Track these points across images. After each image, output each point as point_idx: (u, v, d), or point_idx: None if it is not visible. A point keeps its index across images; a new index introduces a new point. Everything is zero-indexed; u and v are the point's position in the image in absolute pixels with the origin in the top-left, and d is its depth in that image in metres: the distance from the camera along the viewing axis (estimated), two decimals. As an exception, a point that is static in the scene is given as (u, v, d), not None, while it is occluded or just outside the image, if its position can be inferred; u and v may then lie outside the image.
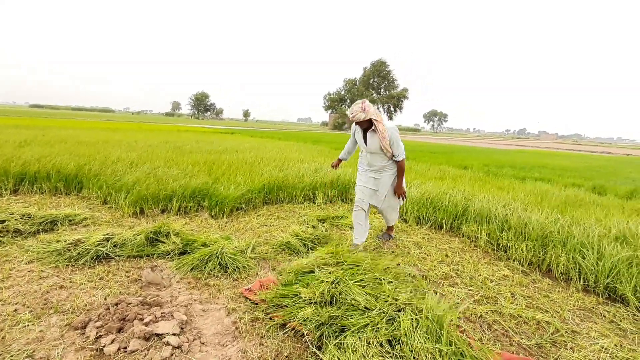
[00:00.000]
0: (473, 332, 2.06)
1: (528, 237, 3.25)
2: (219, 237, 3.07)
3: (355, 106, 2.86)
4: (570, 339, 2.08)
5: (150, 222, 3.65)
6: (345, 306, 1.97)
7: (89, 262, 2.58)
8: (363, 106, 2.84)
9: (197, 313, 2.05)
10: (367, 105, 2.86)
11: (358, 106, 2.85)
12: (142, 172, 4.84)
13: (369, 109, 2.85)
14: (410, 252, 3.27)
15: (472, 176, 6.65)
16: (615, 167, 12.34)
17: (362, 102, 2.87)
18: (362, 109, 2.83)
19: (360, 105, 2.85)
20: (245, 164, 6.37)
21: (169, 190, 4.15)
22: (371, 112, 2.86)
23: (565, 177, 7.60)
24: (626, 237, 3.15)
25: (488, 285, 2.67)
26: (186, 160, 6.30)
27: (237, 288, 2.38)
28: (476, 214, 3.84)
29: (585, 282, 2.75)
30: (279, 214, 4.33)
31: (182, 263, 2.63)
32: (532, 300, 2.51)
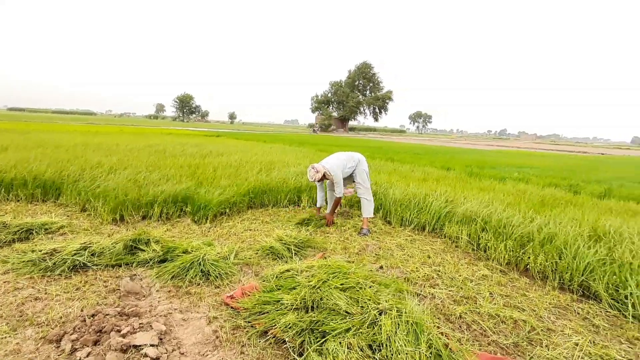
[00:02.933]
0: (452, 333, 2.09)
1: (507, 237, 3.34)
2: (201, 243, 3.03)
3: (310, 173, 3.84)
4: (546, 336, 2.14)
5: (130, 229, 3.57)
6: (326, 311, 1.98)
7: (66, 272, 2.51)
8: (315, 170, 3.81)
9: (177, 323, 2.02)
10: (317, 168, 3.82)
11: (312, 172, 3.82)
12: (122, 178, 4.74)
13: (319, 169, 3.82)
14: (394, 255, 3.31)
15: (455, 177, 6.78)
16: (590, 166, 12.79)
17: (312, 167, 3.85)
18: (316, 172, 3.80)
19: (313, 171, 3.82)
20: (230, 168, 6.32)
21: (151, 196, 4.07)
22: (321, 171, 3.81)
23: (543, 176, 7.83)
24: (599, 235, 3.27)
25: (468, 286, 2.72)
26: (169, 165, 6.20)
27: (219, 296, 2.36)
28: (458, 215, 3.92)
29: (560, 280, 2.84)
30: (263, 218, 4.31)
31: (163, 271, 2.59)
32: (510, 299, 2.57)
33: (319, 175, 3.78)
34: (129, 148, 8.74)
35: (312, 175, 3.81)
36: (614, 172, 10.73)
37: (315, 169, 3.81)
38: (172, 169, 5.72)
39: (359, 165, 4.09)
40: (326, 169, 3.84)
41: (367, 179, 4.11)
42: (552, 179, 7.50)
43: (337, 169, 3.88)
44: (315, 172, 3.80)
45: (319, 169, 3.80)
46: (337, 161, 3.98)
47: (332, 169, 3.86)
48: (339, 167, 3.91)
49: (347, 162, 4.01)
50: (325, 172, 3.83)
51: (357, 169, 4.07)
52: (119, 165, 5.77)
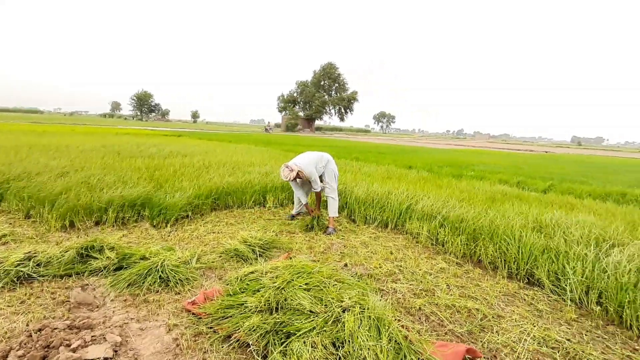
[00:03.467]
0: (412, 325, 2.19)
1: (462, 231, 3.54)
2: (160, 248, 2.92)
3: (284, 172, 3.82)
4: (496, 323, 2.30)
5: (81, 236, 3.35)
6: (291, 311, 1.99)
7: (9, 285, 2.32)
8: (289, 169, 3.81)
9: (133, 333, 1.93)
10: (291, 166, 3.84)
11: (286, 171, 3.81)
12: (73, 181, 4.43)
13: (293, 167, 3.82)
14: (358, 252, 3.39)
15: (416, 175, 7.05)
16: (535, 163, 13.85)
17: (285, 166, 3.84)
18: (290, 170, 3.80)
19: (287, 170, 3.80)
20: (193, 169, 6.11)
21: (105, 200, 3.84)
22: (295, 169, 3.82)
23: (495, 173, 8.37)
24: (541, 227, 3.56)
25: (427, 279, 2.86)
26: (125, 167, 5.87)
27: (180, 302, 2.29)
28: (418, 211, 4.09)
29: (509, 269, 3.06)
30: (228, 220, 4.23)
31: (118, 279, 2.46)
32: (465, 289, 2.74)
33: (293, 174, 3.78)
34: (80, 149, 8.18)
35: (287, 175, 3.80)
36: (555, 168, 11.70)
37: (290, 168, 3.81)
38: (129, 171, 5.43)
39: (328, 165, 4.16)
40: (300, 167, 3.86)
41: (335, 179, 4.18)
42: (502, 175, 8.04)
43: (310, 166, 3.94)
44: (289, 171, 3.80)
45: (293, 168, 3.81)
46: (309, 160, 4.02)
47: (306, 168, 3.90)
48: (312, 164, 3.97)
49: (318, 161, 4.06)
50: (299, 170, 3.84)
51: (326, 168, 4.14)
52: (70, 167, 5.38)
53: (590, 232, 3.33)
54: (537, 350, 2.03)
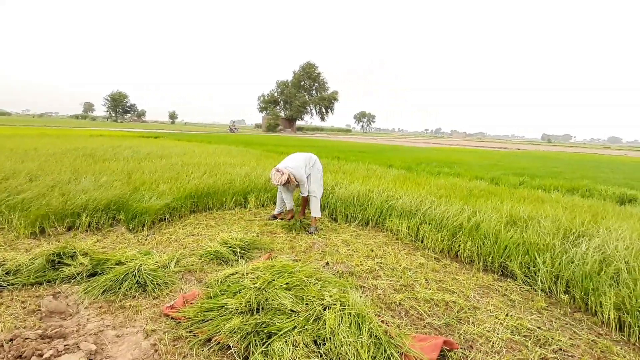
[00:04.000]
0: (392, 320, 2.24)
1: (442, 227, 3.63)
2: (136, 252, 2.84)
3: (275, 176, 3.79)
4: (472, 314, 2.38)
5: (52, 242, 3.22)
6: (272, 311, 1.99)
7: (-27, 296, 2.19)
8: (281, 172, 3.78)
9: (109, 340, 1.87)
10: (282, 170, 3.80)
11: (277, 175, 3.78)
12: (43, 186, 4.24)
13: (284, 171, 3.79)
14: (339, 250, 3.42)
15: (395, 174, 7.17)
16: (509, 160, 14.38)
17: (277, 170, 3.81)
18: (281, 174, 3.76)
19: (278, 174, 3.77)
20: (171, 171, 5.98)
21: (78, 205, 3.71)
22: (286, 172, 3.80)
23: (471, 171, 8.64)
24: (515, 221, 3.71)
25: (407, 275, 2.92)
26: (99, 170, 5.68)
27: (158, 307, 2.24)
28: (398, 209, 4.17)
29: (484, 262, 3.17)
30: (207, 222, 4.16)
31: (92, 286, 2.38)
32: (443, 283, 2.81)
33: (284, 177, 3.75)
34: (51, 152, 7.84)
35: (278, 179, 3.76)
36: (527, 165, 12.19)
37: (281, 172, 3.78)
38: (103, 175, 5.25)
39: (315, 164, 4.17)
40: (291, 171, 3.84)
41: (321, 178, 4.20)
42: (478, 172, 8.31)
43: (300, 170, 3.93)
44: (281, 175, 3.77)
45: (284, 172, 3.78)
46: (298, 163, 4.00)
47: (298, 171, 3.88)
48: (301, 167, 3.96)
49: (306, 163, 4.06)
50: (290, 174, 3.82)
51: (313, 169, 4.14)
52: (39, 171, 5.16)
53: (559, 225, 3.49)
54: (510, 338, 2.12)
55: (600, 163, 15.35)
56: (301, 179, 3.92)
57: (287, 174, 3.78)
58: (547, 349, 2.03)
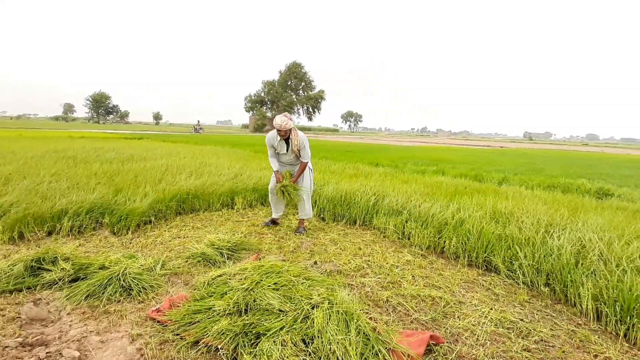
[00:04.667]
0: (380, 317, 2.26)
1: (427, 224, 3.69)
2: (121, 256, 2.79)
3: (284, 117, 3.56)
4: (458, 309, 2.43)
5: (32, 247, 3.13)
6: (260, 312, 1.99)
7: (-54, 305, 2.11)
8: (289, 117, 3.59)
9: (93, 346, 1.83)
10: (290, 116, 3.61)
11: (286, 118, 3.56)
12: (21, 189, 4.11)
13: (292, 119, 3.62)
14: (327, 249, 3.43)
15: (382, 172, 7.24)
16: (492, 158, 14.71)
17: (284, 114, 3.60)
18: (289, 119, 3.58)
19: (287, 117, 3.57)
20: (156, 173, 5.87)
21: (58, 209, 3.61)
22: (293, 121, 3.62)
23: (455, 168, 8.81)
24: (498, 216, 3.80)
25: (394, 272, 2.96)
26: (80, 172, 5.53)
27: (144, 311, 2.20)
28: (385, 207, 4.21)
29: (469, 258, 3.24)
30: (194, 224, 4.11)
31: (75, 292, 2.32)
32: (429, 279, 2.86)
33: (290, 123, 3.57)
34: (29, 155, 7.58)
35: (284, 122, 3.53)
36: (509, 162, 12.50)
37: (289, 117, 3.61)
38: (85, 177, 5.13)
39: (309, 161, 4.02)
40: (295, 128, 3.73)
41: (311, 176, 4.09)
42: (462, 170, 8.48)
43: (303, 138, 3.79)
44: (288, 119, 3.57)
45: (292, 119, 3.63)
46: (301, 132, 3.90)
47: (301, 133, 3.76)
48: (305, 138, 3.83)
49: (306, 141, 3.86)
50: (294, 128, 3.68)
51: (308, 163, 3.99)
52: (17, 175, 4.99)
53: (540, 220, 3.60)
54: (494, 331, 2.17)
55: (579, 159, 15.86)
56: (302, 141, 3.73)
57: (292, 126, 3.61)
58: (529, 340, 2.09)
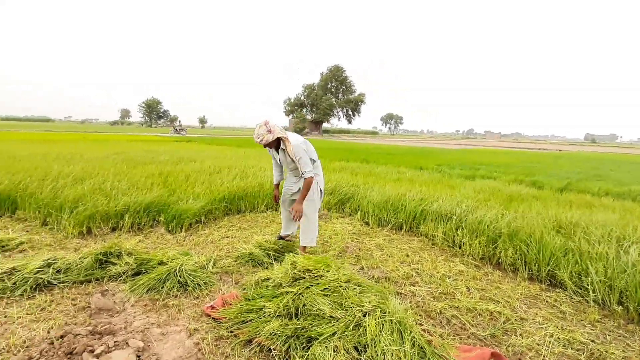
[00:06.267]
0: (434, 329, 2.15)
1: (480, 233, 3.47)
2: (177, 253, 2.93)
3: (260, 130, 2.77)
4: (519, 326, 2.25)
5: (99, 242, 3.39)
6: (311, 317, 1.97)
7: (28, 292, 2.33)
8: (268, 127, 2.77)
9: (155, 338, 1.93)
10: (272, 126, 2.79)
11: (262, 129, 2.76)
12: (88, 188, 4.49)
13: (274, 128, 2.79)
14: (373, 255, 3.35)
15: (427, 176, 6.99)
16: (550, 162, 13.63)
17: (264, 123, 2.79)
18: (267, 131, 2.76)
19: (264, 128, 2.77)
20: (204, 174, 6.15)
21: (120, 206, 3.88)
22: (277, 132, 2.79)
23: (509, 173, 8.25)
24: (561, 227, 3.48)
25: (446, 282, 2.81)
26: (138, 173, 5.94)
27: (199, 307, 2.29)
28: (433, 213, 4.04)
29: (529, 271, 3.00)
30: (240, 225, 4.23)
31: (137, 285, 2.47)
32: (485, 292, 2.68)
33: (270, 136, 2.74)
34: (93, 157, 8.31)
35: (260, 135, 2.75)
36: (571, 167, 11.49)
37: (269, 127, 2.76)
38: (142, 178, 5.49)
39: (316, 168, 3.15)
40: (285, 135, 2.87)
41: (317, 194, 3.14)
42: (516, 175, 7.92)
43: (300, 142, 2.92)
44: (266, 132, 2.74)
45: (274, 130, 2.77)
46: (297, 137, 2.98)
47: (294, 140, 2.89)
48: (299, 141, 2.93)
49: (311, 150, 3.07)
50: (282, 137, 2.86)
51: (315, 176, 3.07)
52: (84, 175, 5.46)
53: (611, 232, 3.24)
54: (562, 352, 1.98)
55: (651, 165, 14.20)
56: (296, 151, 2.85)
57: (276, 135, 2.77)
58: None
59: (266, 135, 2.74)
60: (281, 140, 2.89)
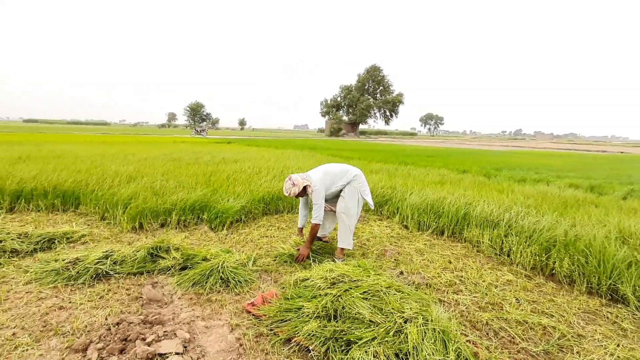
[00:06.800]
0: (480, 340, 2.03)
1: (532, 240, 3.24)
2: (219, 250, 3.05)
3: (286, 185, 3.06)
4: (576, 343, 2.06)
5: (149, 237, 3.62)
6: (350, 320, 1.95)
7: (89, 281, 2.54)
8: (291, 182, 3.04)
9: (200, 330, 2.02)
10: (294, 179, 3.05)
11: (288, 184, 3.05)
12: (139, 186, 4.82)
13: (297, 181, 3.04)
14: (413, 260, 3.25)
15: (471, 180, 6.66)
16: (611, 165, 12.42)
17: (288, 178, 3.08)
18: (292, 184, 3.02)
19: (289, 183, 3.04)
20: (244, 174, 6.36)
21: (168, 204, 4.12)
22: (300, 183, 3.04)
23: (563, 177, 7.63)
24: (625, 237, 3.15)
25: (492, 291, 2.65)
26: (184, 172, 6.28)
27: (240, 303, 2.36)
28: (478, 218, 3.84)
29: (588, 284, 2.74)
30: (279, 225, 4.30)
31: (183, 279, 2.60)
32: (537, 305, 2.49)
33: (295, 189, 3.01)
34: (144, 157, 8.90)
35: (287, 189, 3.03)
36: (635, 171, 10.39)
37: (292, 181, 3.02)
38: (187, 177, 5.79)
39: (354, 181, 3.22)
40: (309, 182, 3.08)
41: (358, 201, 3.22)
42: (572, 179, 7.30)
43: (319, 186, 3.06)
44: (291, 185, 3.02)
45: (297, 182, 3.02)
46: (323, 176, 3.14)
47: (316, 184, 3.07)
48: (322, 183, 3.09)
49: (336, 178, 3.19)
50: (307, 185, 3.07)
51: (350, 185, 3.21)
52: (136, 174, 5.87)
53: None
54: (628, 376, 1.78)
55: None
56: (314, 197, 3.05)
57: (301, 185, 3.03)
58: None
59: (292, 189, 3.03)
60: (307, 188, 3.11)
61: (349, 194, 3.18)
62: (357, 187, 3.22)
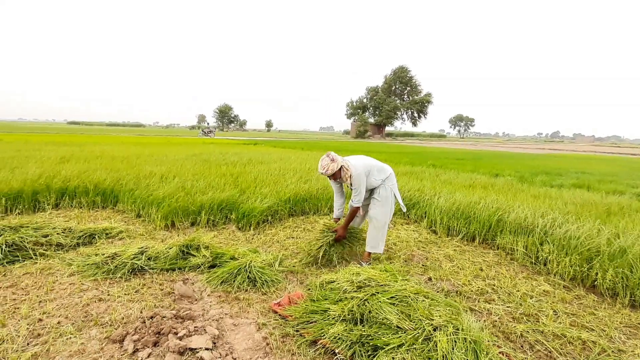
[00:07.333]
0: (513, 353, 1.94)
1: (570, 250, 3.06)
2: (246, 250, 3.11)
3: (323, 161, 2.91)
4: (617, 358, 1.92)
5: (180, 234, 3.75)
6: (376, 325, 1.92)
7: (126, 275, 2.68)
8: (330, 157, 2.92)
9: (228, 327, 2.06)
10: (334, 155, 2.94)
11: (326, 160, 2.91)
12: (172, 186, 5.01)
13: (336, 158, 2.93)
14: (442, 266, 3.17)
15: (504, 184, 6.39)
16: (661, 170, 11.50)
17: (327, 154, 2.95)
18: (331, 160, 2.91)
19: (327, 159, 2.91)
20: (270, 176, 6.45)
21: (198, 204, 4.26)
22: (339, 160, 2.93)
23: (606, 183, 7.14)
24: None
25: (527, 302, 2.52)
26: (213, 173, 6.46)
27: (267, 302, 2.39)
28: (512, 224, 3.67)
29: (632, 297, 2.55)
30: (305, 226, 4.33)
31: (212, 276, 2.68)
32: (577, 318, 2.35)
33: (334, 165, 2.87)
34: (176, 158, 9.26)
35: (325, 166, 2.88)
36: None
37: (332, 157, 2.90)
38: (216, 177, 5.95)
39: (388, 180, 3.16)
40: (348, 165, 2.96)
41: (391, 202, 3.13)
42: (616, 185, 6.83)
43: (361, 170, 2.97)
44: (330, 161, 2.88)
45: (336, 159, 2.90)
46: (363, 161, 3.07)
47: (356, 169, 2.95)
48: (364, 168, 3.00)
49: (374, 170, 3.10)
50: (344, 166, 2.94)
51: (384, 184, 3.13)
52: (168, 174, 6.12)
53: None
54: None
55: None
56: (354, 181, 2.95)
57: (339, 165, 2.89)
58: None
59: (331, 165, 2.89)
60: (342, 170, 2.96)
61: (383, 195, 3.10)
62: (391, 187, 3.15)
